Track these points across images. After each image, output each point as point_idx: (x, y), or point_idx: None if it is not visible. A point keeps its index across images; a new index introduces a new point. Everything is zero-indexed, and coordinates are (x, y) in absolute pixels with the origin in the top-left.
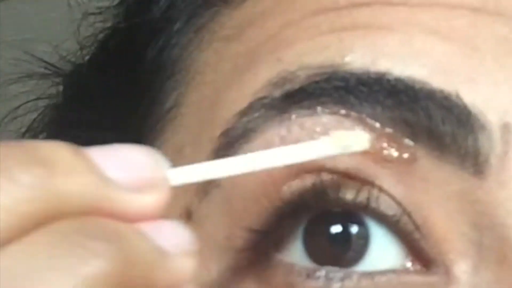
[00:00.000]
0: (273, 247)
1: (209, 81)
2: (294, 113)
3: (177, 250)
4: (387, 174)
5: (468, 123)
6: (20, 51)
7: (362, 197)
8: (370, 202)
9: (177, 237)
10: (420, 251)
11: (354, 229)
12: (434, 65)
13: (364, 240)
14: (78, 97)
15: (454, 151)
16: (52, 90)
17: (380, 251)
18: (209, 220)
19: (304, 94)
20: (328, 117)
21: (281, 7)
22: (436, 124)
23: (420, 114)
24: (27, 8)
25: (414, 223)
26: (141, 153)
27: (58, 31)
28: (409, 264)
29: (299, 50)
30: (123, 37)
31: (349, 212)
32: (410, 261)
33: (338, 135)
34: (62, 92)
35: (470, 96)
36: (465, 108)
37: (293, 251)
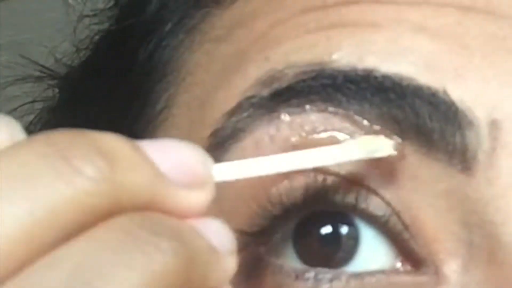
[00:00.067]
0: (263, 249)
1: (200, 82)
2: (283, 112)
3: (224, 249)
4: (376, 174)
5: (456, 120)
6: (16, 54)
7: (351, 198)
8: (359, 203)
9: (224, 236)
10: (410, 251)
11: (344, 230)
12: (422, 62)
13: (354, 241)
14: (73, 100)
15: (442, 148)
16: (48, 93)
17: (370, 252)
18: None
19: (292, 93)
20: (317, 115)
21: (270, 7)
22: (424, 121)
23: (408, 111)
24: (23, 11)
25: (403, 223)
26: (190, 149)
27: (54, 34)
28: (399, 264)
29: (287, 49)
30: (116, 39)
31: (339, 213)
32: (400, 261)
33: (364, 140)
34: (58, 95)
35: (458, 93)
36: (453, 105)
37: (284, 253)
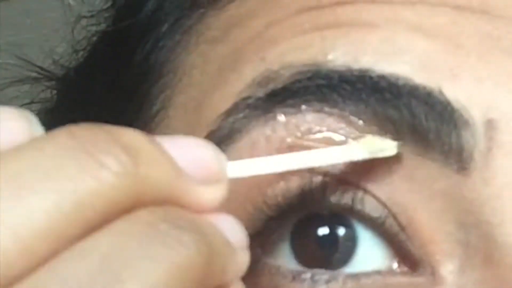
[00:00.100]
0: (260, 250)
1: (196, 83)
2: (279, 112)
3: (239, 244)
4: (372, 175)
5: (452, 119)
6: (14, 55)
7: (347, 199)
8: (355, 204)
9: (237, 231)
10: (406, 253)
11: (341, 231)
12: (417, 62)
13: (351, 242)
14: (71, 101)
15: (438, 148)
16: (46, 94)
17: (367, 253)
18: None
19: (288, 93)
20: (312, 115)
21: (266, 7)
22: (419, 121)
23: (403, 111)
24: (20, 12)
25: (400, 225)
26: (205, 146)
27: (51, 35)
28: (396, 266)
29: (283, 49)
30: (113, 40)
31: (336, 215)
32: (397, 263)
33: (367, 140)
34: (55, 96)
35: (453, 92)
36: (448, 104)
37: (281, 254)
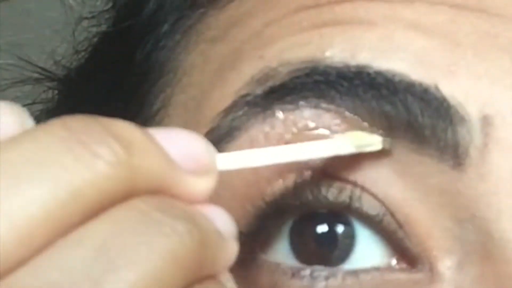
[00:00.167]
0: (259, 248)
1: (196, 82)
2: (278, 109)
3: (228, 234)
4: (369, 173)
5: (448, 116)
6: (15, 56)
7: (345, 197)
8: (353, 202)
9: (227, 221)
10: (405, 250)
11: (340, 229)
12: (414, 59)
13: (350, 240)
14: (72, 101)
15: (433, 144)
16: (47, 94)
17: (366, 250)
18: None
19: (286, 90)
20: (310, 111)
21: (265, 6)
22: (415, 117)
23: (399, 107)
24: (21, 12)
25: (397, 222)
26: (195, 138)
27: (52, 35)
28: (394, 263)
29: (281, 47)
30: (113, 41)
31: (335, 212)
32: (396, 260)
33: (353, 135)
34: (57, 96)
35: (450, 89)
36: (444, 101)
37: (280, 251)
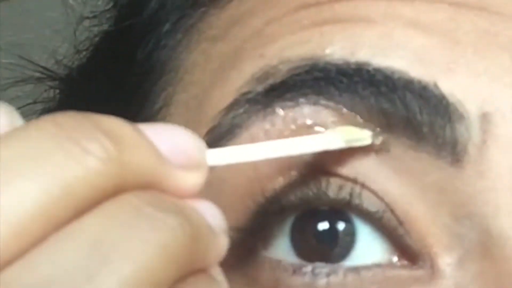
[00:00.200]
0: (260, 245)
1: (197, 81)
2: (278, 107)
3: (219, 228)
4: (369, 170)
5: (446, 113)
6: (16, 55)
7: (345, 194)
8: (353, 199)
9: (217, 215)
10: (405, 247)
11: (341, 226)
12: (413, 56)
13: (351, 237)
14: (73, 100)
15: (431, 141)
16: (48, 94)
17: (367, 248)
18: None
19: (286, 87)
20: (309, 108)
21: (266, 5)
22: (414, 114)
23: (398, 104)
24: (23, 12)
25: (398, 219)
26: (185, 134)
27: (54, 35)
28: (396, 259)
29: (281, 45)
30: (115, 40)
31: (336, 210)
32: (397, 257)
33: (344, 130)
34: (58, 96)
35: (449, 86)
36: (443, 98)
37: (281, 248)
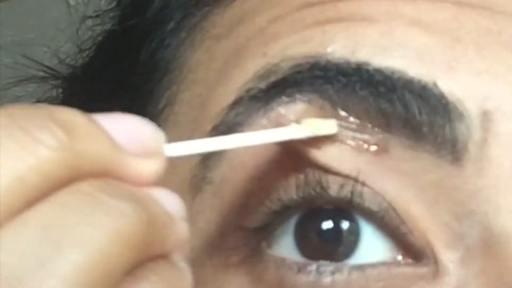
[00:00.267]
0: (265, 243)
1: (201, 79)
2: (276, 104)
3: (177, 214)
4: (369, 169)
5: (446, 112)
6: (19, 54)
7: (346, 193)
8: (354, 197)
9: (175, 202)
10: (409, 245)
11: (345, 225)
12: (414, 55)
13: (355, 236)
14: (77, 99)
15: (431, 140)
16: (52, 93)
17: (371, 246)
18: (202, 217)
19: (286, 84)
20: (303, 105)
21: (268, 4)
22: (413, 114)
23: (397, 104)
24: (26, 11)
25: (399, 217)
26: (143, 123)
27: (57, 34)
28: (400, 258)
29: (284, 44)
30: (119, 39)
31: (340, 209)
32: (401, 255)
33: (308, 122)
34: (61, 95)
35: (449, 85)
36: (443, 97)
37: (285, 247)
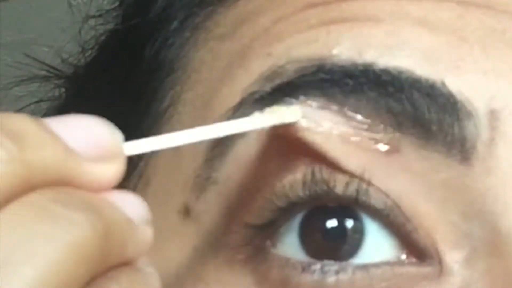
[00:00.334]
0: (269, 242)
1: (204, 79)
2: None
3: (140, 219)
4: (376, 167)
5: (454, 111)
6: (22, 54)
7: (352, 191)
8: (360, 196)
9: (138, 206)
10: (413, 243)
11: (350, 224)
12: (421, 55)
13: (360, 234)
14: (79, 99)
15: (441, 139)
16: (54, 93)
17: (376, 245)
18: (207, 216)
19: (292, 87)
20: (309, 109)
21: (273, 4)
22: (422, 113)
23: (406, 104)
24: (28, 11)
25: (405, 216)
26: (99, 124)
27: (60, 33)
28: (404, 257)
29: (289, 44)
30: (122, 38)
31: (344, 207)
32: (405, 254)
33: (271, 109)
34: (64, 94)
35: (456, 84)
36: (451, 96)
37: (289, 246)
